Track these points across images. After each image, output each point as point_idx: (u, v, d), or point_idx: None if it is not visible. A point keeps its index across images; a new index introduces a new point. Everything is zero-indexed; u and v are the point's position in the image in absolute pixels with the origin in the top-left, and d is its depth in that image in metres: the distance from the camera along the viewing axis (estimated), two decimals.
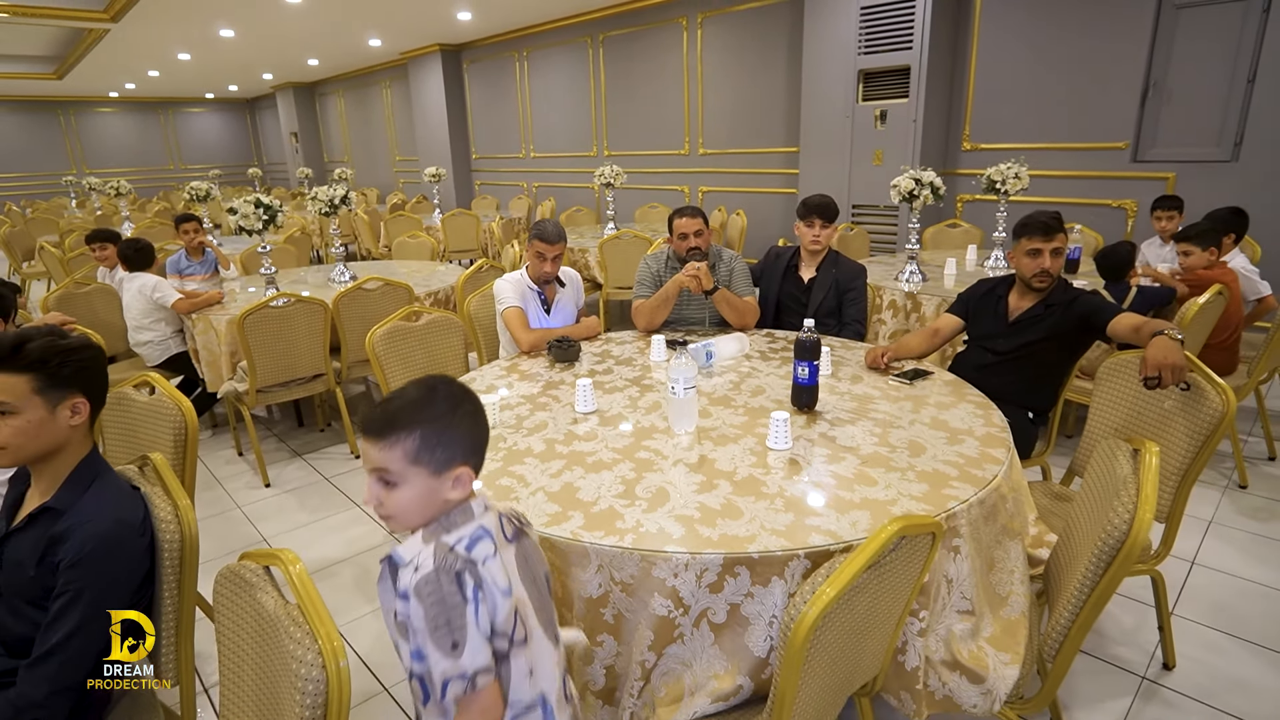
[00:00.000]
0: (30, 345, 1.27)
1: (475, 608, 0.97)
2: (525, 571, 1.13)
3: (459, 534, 1.04)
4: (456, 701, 0.96)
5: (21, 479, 1.43)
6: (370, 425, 1.02)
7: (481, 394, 2.06)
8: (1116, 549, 1.29)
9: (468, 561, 1.00)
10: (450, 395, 1.07)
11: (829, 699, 1.30)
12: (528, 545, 1.18)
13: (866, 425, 1.96)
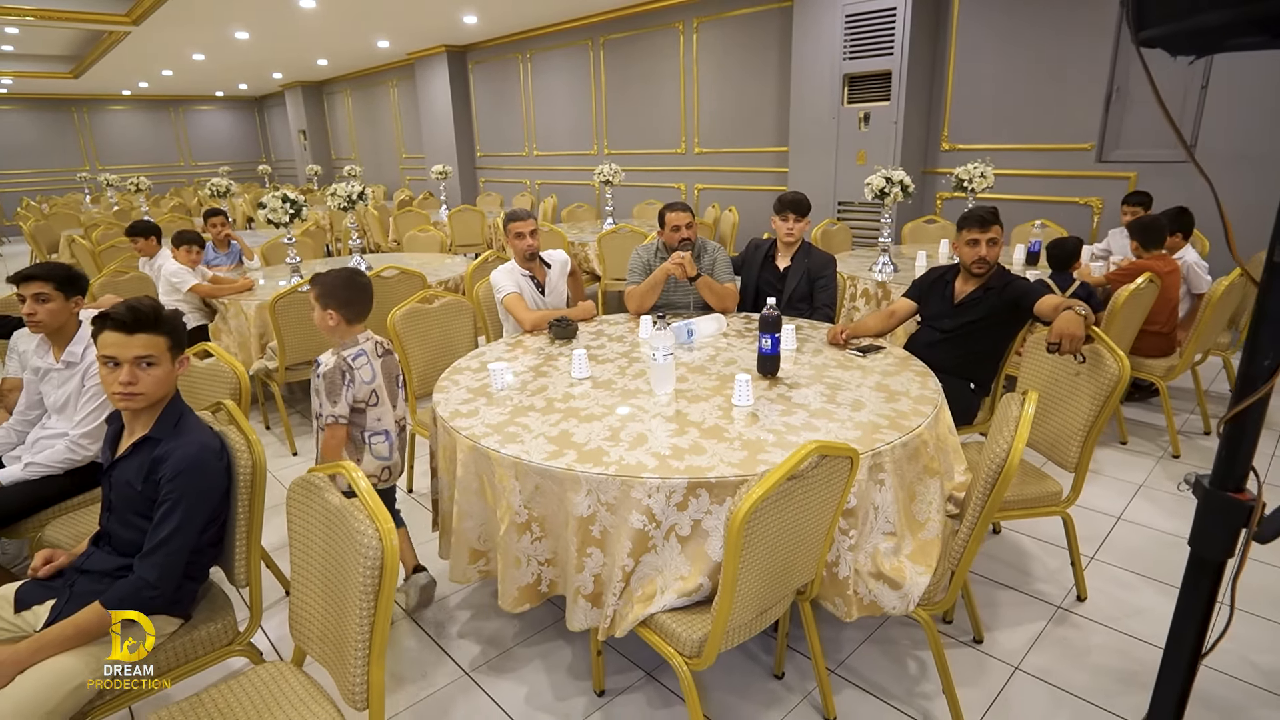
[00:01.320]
0: (162, 314, 1.62)
1: (346, 388, 2.15)
2: (386, 372, 2.31)
3: (348, 351, 2.20)
4: (324, 428, 2.15)
5: (115, 419, 1.78)
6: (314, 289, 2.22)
7: (490, 364, 2.42)
8: (999, 470, 1.63)
9: (348, 364, 2.16)
10: (343, 281, 2.21)
11: (769, 588, 1.63)
12: (390, 361, 2.37)
13: (819, 388, 2.30)
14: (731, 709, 1.99)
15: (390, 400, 2.34)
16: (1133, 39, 0.72)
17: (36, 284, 2.32)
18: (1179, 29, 0.65)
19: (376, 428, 2.30)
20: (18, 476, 2.28)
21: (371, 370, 2.24)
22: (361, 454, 2.29)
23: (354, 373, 2.18)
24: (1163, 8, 0.65)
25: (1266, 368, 0.83)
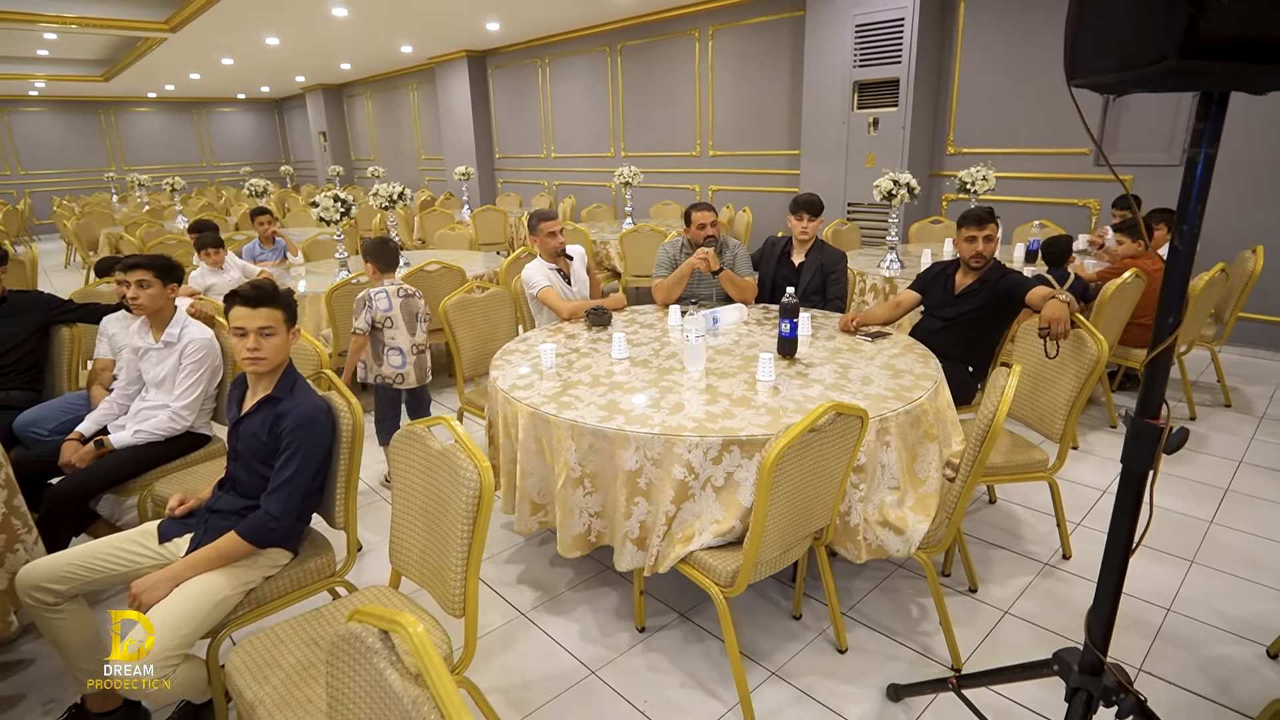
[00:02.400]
0: (279, 292, 1.93)
1: (365, 310, 3.21)
2: (405, 309, 3.28)
3: (373, 290, 3.24)
4: (354, 337, 3.24)
5: (240, 383, 2.09)
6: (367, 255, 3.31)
7: (540, 345, 2.73)
8: (988, 427, 1.93)
9: (369, 298, 3.22)
10: (378, 243, 3.30)
11: (792, 528, 1.93)
12: (411, 302, 3.31)
13: (832, 367, 2.59)
14: (757, 642, 2.29)
15: (407, 329, 3.31)
16: (1068, 84, 1.01)
17: (140, 271, 2.63)
18: (1093, 81, 0.94)
19: (392, 344, 3.29)
20: (128, 441, 2.60)
21: (388, 303, 3.25)
22: (381, 362, 3.30)
23: (372, 302, 3.24)
24: (1080, 69, 0.94)
25: (1170, 324, 1.13)
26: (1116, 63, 0.89)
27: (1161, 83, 0.88)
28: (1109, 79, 0.93)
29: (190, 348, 2.68)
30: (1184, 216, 1.08)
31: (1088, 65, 0.94)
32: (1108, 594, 1.31)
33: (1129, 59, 0.87)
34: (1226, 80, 0.92)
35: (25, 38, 9.93)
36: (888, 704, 2.04)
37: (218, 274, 4.62)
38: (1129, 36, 0.86)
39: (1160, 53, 0.80)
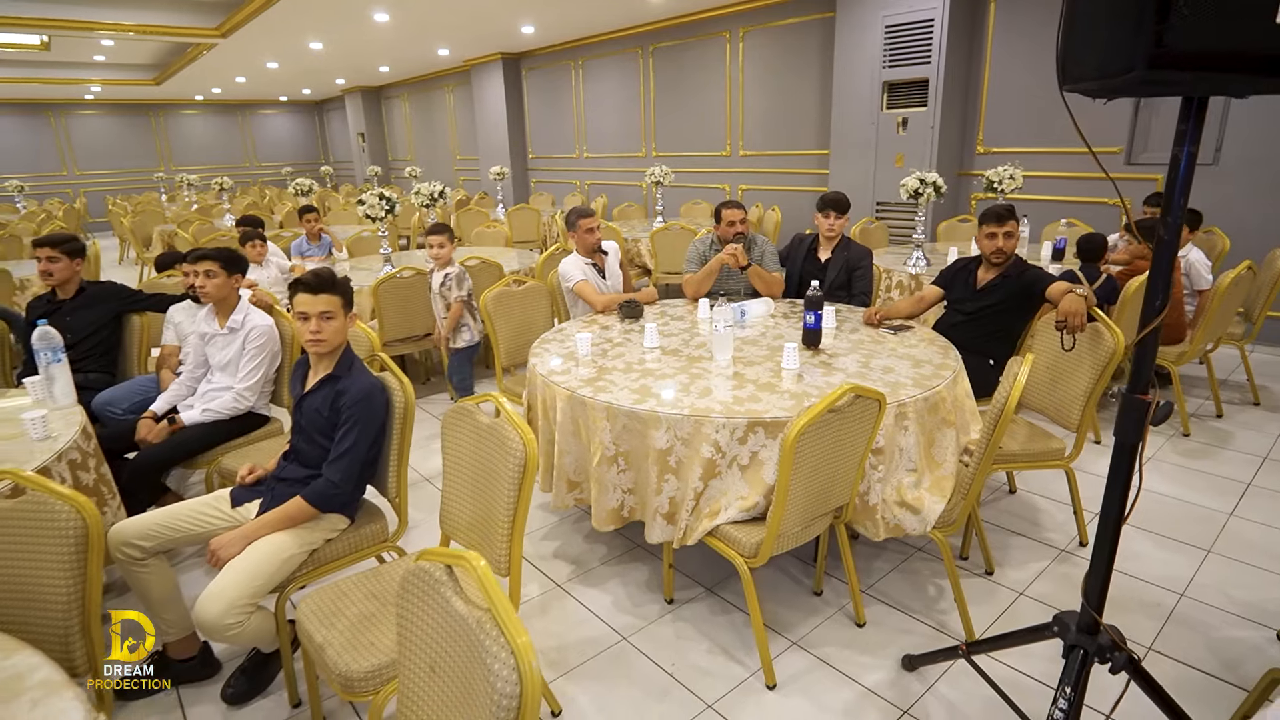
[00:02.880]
0: (337, 279, 2.12)
1: (467, 283, 4.15)
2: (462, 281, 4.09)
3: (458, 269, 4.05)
4: (452, 304, 4.13)
5: (302, 364, 2.28)
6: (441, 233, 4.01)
7: (576, 334, 2.89)
8: (1002, 407, 2.03)
9: (462, 274, 4.11)
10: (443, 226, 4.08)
11: (813, 503, 2.06)
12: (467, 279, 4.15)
13: (855, 357, 2.71)
14: (779, 616, 2.42)
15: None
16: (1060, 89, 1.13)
17: (207, 262, 2.84)
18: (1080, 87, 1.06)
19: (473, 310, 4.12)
20: (197, 419, 2.82)
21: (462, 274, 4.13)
22: (470, 326, 4.15)
23: (464, 278, 4.11)
24: (1069, 76, 1.06)
25: (1157, 307, 1.24)
26: (1097, 71, 1.01)
27: (1135, 90, 0.99)
28: (1092, 86, 1.04)
29: (253, 334, 2.89)
30: (1168, 208, 1.19)
31: (1075, 73, 1.06)
32: (1102, 559, 1.42)
33: (1106, 68, 0.98)
34: (1192, 87, 1.03)
35: (85, 44, 10.39)
36: (902, 673, 2.15)
37: (255, 269, 4.85)
38: (1105, 49, 0.98)
39: (1131, 64, 0.92)
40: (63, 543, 1.51)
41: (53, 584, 1.51)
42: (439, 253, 4.09)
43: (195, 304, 3.35)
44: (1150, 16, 0.89)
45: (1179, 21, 0.89)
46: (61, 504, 1.51)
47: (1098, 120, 5.56)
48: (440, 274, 4.13)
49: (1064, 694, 1.44)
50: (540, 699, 1.03)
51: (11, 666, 1.20)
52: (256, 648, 2.13)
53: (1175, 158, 1.16)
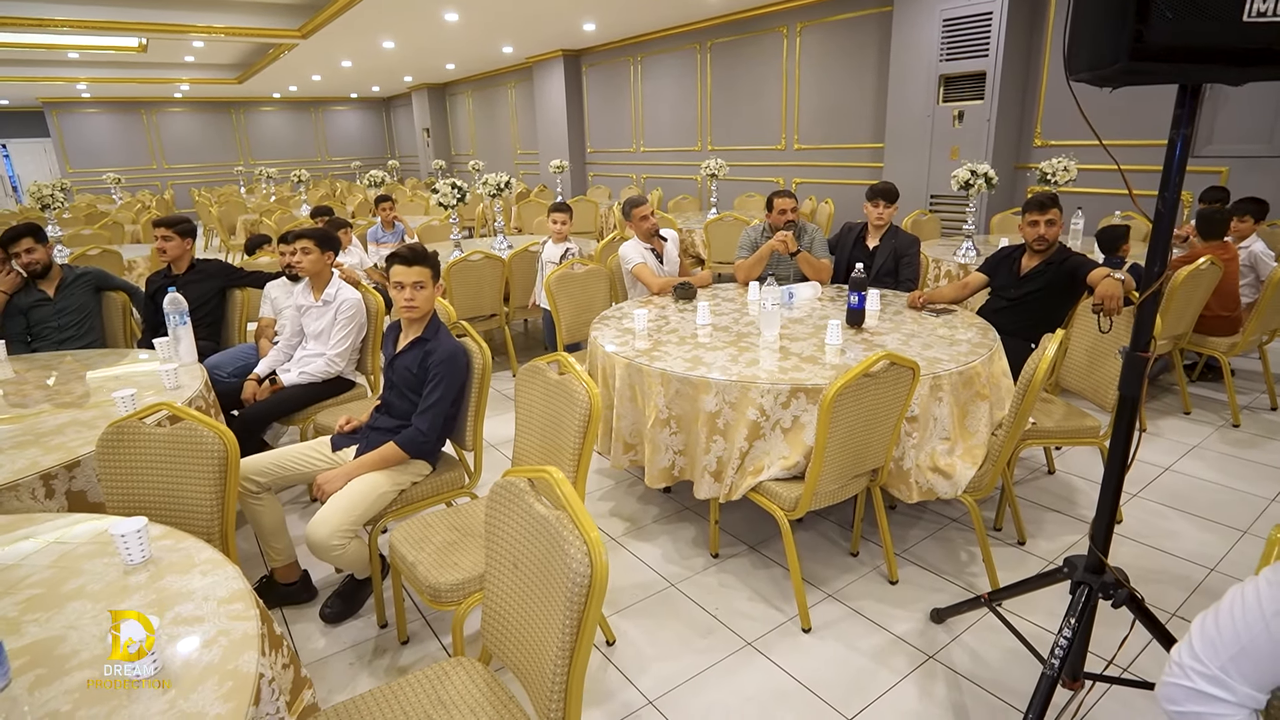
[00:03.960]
0: (427, 252, 2.39)
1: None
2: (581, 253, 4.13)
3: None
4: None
5: (394, 329, 2.57)
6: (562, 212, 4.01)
7: (634, 311, 3.11)
8: (1030, 379, 2.18)
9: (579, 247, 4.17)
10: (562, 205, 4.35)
11: (848, 463, 2.24)
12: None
13: (897, 336, 2.87)
14: (817, 573, 2.61)
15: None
16: (1067, 79, 1.29)
17: (304, 240, 3.17)
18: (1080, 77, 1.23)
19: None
20: (295, 381, 3.16)
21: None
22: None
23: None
24: (1073, 67, 1.23)
25: (1157, 272, 1.39)
26: (1091, 64, 1.17)
27: (1122, 79, 1.16)
28: (1089, 76, 1.21)
29: (344, 306, 3.22)
30: (1165, 186, 1.34)
31: (1075, 65, 1.23)
32: (1107, 504, 1.58)
33: (1097, 61, 1.15)
34: (1173, 77, 1.19)
35: (178, 46, 11.13)
36: (930, 625, 2.32)
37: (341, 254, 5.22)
38: (1097, 45, 1.14)
39: (1116, 57, 1.09)
40: (209, 462, 1.82)
41: (201, 494, 1.82)
42: (561, 229, 4.53)
43: (290, 281, 3.71)
44: (1132, 16, 1.06)
45: (1158, 20, 1.06)
46: (209, 431, 1.82)
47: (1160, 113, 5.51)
48: (561, 246, 4.51)
49: (1069, 624, 1.60)
50: (606, 583, 1.26)
51: (184, 549, 1.50)
52: (351, 575, 2.43)
53: (1171, 140, 1.32)
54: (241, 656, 1.18)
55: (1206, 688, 0.99)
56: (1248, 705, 0.99)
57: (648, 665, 2.18)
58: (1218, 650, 1.00)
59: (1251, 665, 0.97)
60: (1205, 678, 1.00)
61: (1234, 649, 0.98)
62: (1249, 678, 0.98)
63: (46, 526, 1.62)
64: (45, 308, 3.57)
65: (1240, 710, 0.99)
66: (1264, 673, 0.97)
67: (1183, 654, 1.04)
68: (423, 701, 1.48)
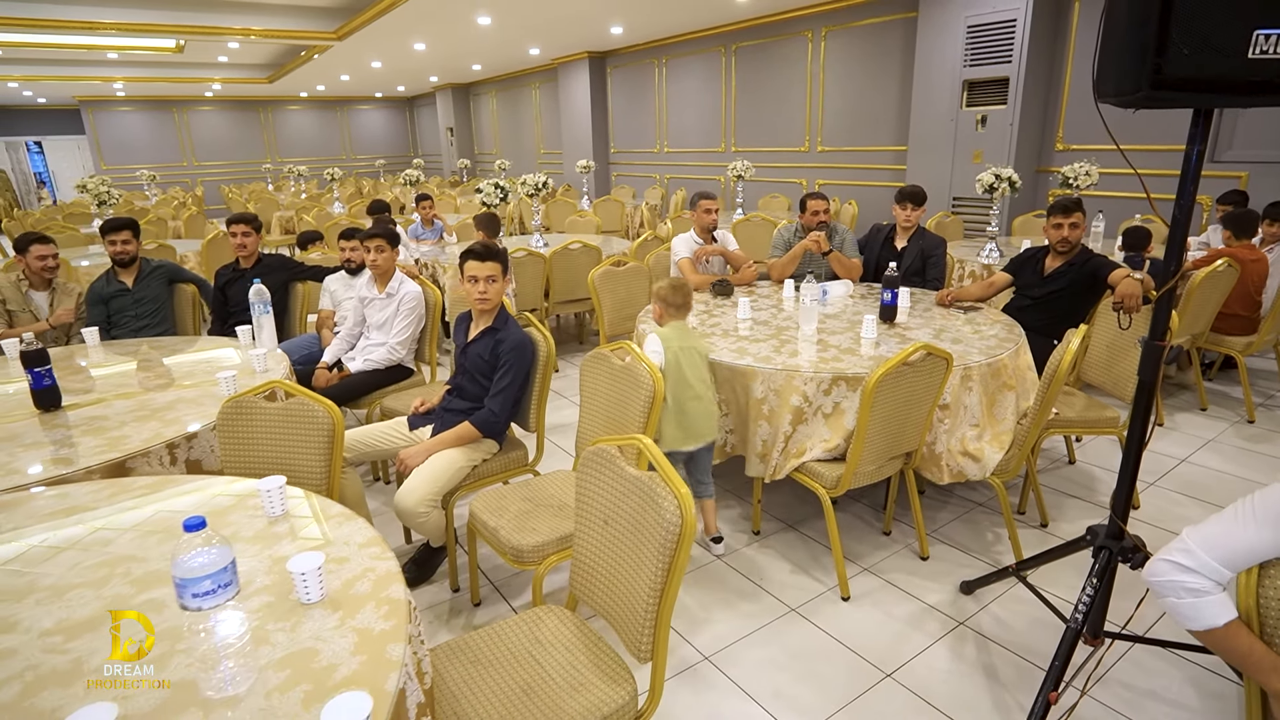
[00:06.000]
0: (498, 249, 2.62)
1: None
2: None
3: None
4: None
5: (464, 319, 2.79)
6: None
7: None
8: (1054, 370, 2.37)
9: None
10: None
11: (886, 445, 2.44)
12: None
13: (927, 331, 3.06)
14: (852, 549, 2.81)
15: None
16: (1095, 102, 1.49)
17: (378, 240, 3.40)
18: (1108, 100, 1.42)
19: None
20: (360, 368, 3.40)
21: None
22: None
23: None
24: (1100, 92, 1.42)
25: (1172, 270, 1.58)
26: (1116, 90, 1.37)
27: (1144, 104, 1.35)
28: (1115, 99, 1.40)
29: (407, 298, 3.45)
30: (1181, 194, 1.53)
31: (1103, 90, 1.42)
32: (1126, 476, 1.77)
33: (1121, 88, 1.35)
34: (1188, 103, 1.38)
35: (213, 47, 11.44)
36: (960, 595, 2.52)
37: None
38: (1122, 74, 1.34)
39: (1138, 85, 1.29)
40: (320, 433, 2.05)
41: (312, 461, 2.05)
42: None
43: (348, 275, 3.95)
44: (1152, 52, 1.25)
45: (1175, 55, 1.26)
46: (319, 406, 2.05)
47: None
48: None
49: (1091, 584, 1.80)
50: (694, 531, 1.47)
51: (314, 504, 1.73)
52: (426, 543, 2.66)
53: (1186, 155, 1.51)
54: (390, 588, 1.40)
55: (1182, 559, 1.23)
56: (1213, 577, 1.22)
57: (701, 627, 2.39)
58: (1203, 535, 1.23)
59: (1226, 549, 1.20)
60: (1184, 552, 1.23)
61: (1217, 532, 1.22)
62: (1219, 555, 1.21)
63: (189, 486, 1.86)
64: (124, 298, 3.83)
65: (1207, 581, 1.22)
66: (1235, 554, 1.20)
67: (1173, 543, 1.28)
68: (523, 640, 1.70)
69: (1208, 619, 1.25)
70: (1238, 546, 1.23)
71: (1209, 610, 1.25)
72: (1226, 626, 1.24)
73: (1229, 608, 1.25)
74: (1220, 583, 1.25)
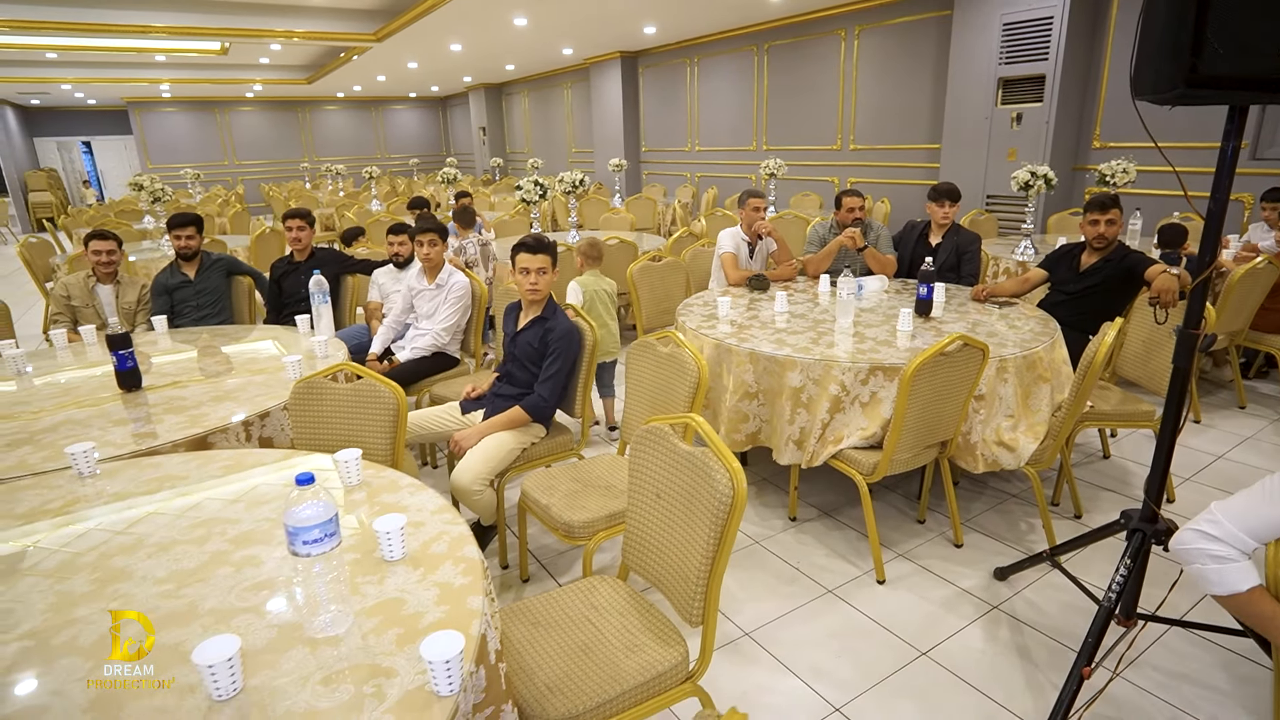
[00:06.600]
0: (548, 241, 2.74)
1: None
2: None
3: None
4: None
5: (513, 309, 2.92)
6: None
7: (718, 298, 3.42)
8: (1090, 361, 2.43)
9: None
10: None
11: (922, 432, 2.52)
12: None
13: (963, 324, 3.12)
14: (887, 536, 2.88)
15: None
16: (1133, 99, 1.55)
17: (431, 234, 3.55)
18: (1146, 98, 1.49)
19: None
20: (409, 358, 3.55)
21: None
22: None
23: None
24: (1137, 90, 1.49)
25: (1207, 261, 1.64)
26: (1153, 88, 1.44)
27: (1180, 101, 1.42)
28: (1151, 97, 1.47)
29: (455, 288, 3.60)
30: (1217, 189, 1.60)
31: (1140, 88, 1.49)
32: (1160, 461, 1.84)
33: (1158, 86, 1.42)
34: (1223, 100, 1.44)
35: (256, 49, 11.76)
36: (994, 581, 2.58)
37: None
38: (1157, 72, 1.41)
39: (1174, 84, 1.36)
40: (385, 413, 2.18)
41: (377, 438, 2.19)
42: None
43: (395, 268, 4.11)
44: (1188, 51, 1.32)
45: (1210, 55, 1.33)
46: (384, 387, 2.18)
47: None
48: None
49: (1125, 565, 1.86)
50: (745, 503, 1.56)
51: (386, 476, 1.86)
52: (476, 521, 2.79)
53: (1222, 150, 1.57)
54: (464, 548, 1.52)
55: (1208, 529, 1.31)
56: (1237, 545, 1.29)
57: (741, 606, 2.49)
58: (1230, 507, 1.31)
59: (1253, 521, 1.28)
60: (1210, 523, 1.31)
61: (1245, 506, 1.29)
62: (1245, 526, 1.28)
63: (269, 457, 2.00)
64: (187, 289, 4.03)
65: (1231, 549, 1.30)
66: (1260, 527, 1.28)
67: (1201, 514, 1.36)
68: (579, 605, 1.82)
69: (1231, 584, 1.32)
70: (1264, 520, 1.30)
71: (1233, 575, 1.32)
72: (1250, 591, 1.31)
73: (1252, 574, 1.32)
74: (1245, 551, 1.32)
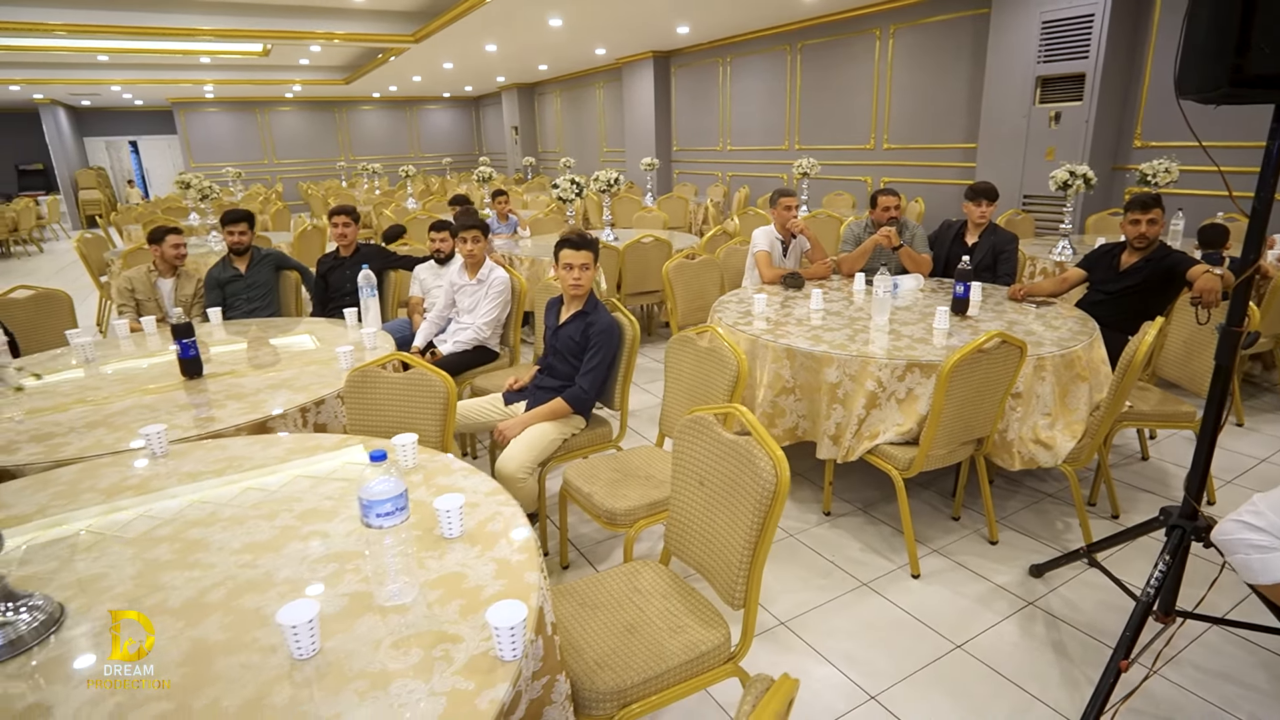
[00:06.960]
0: (591, 237, 2.81)
1: None
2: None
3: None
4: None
5: (555, 304, 3.00)
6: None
7: (754, 295, 3.46)
8: (1130, 360, 2.43)
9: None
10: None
11: (958, 429, 2.54)
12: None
13: (1000, 323, 3.13)
14: (921, 532, 2.91)
15: None
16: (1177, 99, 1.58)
17: (474, 231, 3.65)
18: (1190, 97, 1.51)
19: None
20: (451, 350, 3.65)
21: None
22: None
23: None
24: (1182, 90, 1.51)
25: (1251, 260, 1.66)
26: (1198, 88, 1.46)
27: (1225, 100, 1.44)
28: (1197, 96, 1.49)
29: (496, 283, 3.69)
30: (1261, 188, 1.61)
31: (1185, 87, 1.51)
32: (1201, 459, 1.85)
33: (1203, 86, 1.44)
34: (1268, 99, 1.46)
35: (296, 50, 12.04)
36: (1029, 578, 2.60)
37: None
38: (1202, 71, 1.43)
39: (1219, 83, 1.38)
40: (436, 401, 2.27)
41: (428, 425, 2.28)
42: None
43: (437, 264, 4.22)
44: (1232, 51, 1.35)
45: (1256, 54, 1.35)
46: (435, 377, 2.27)
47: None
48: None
49: (1164, 560, 1.88)
50: (788, 489, 1.62)
51: (440, 460, 1.94)
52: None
53: (1268, 150, 1.59)
54: (517, 528, 1.60)
55: (1250, 519, 1.33)
56: (1276, 533, 1.32)
57: (777, 596, 2.54)
58: (1273, 498, 1.33)
59: None
60: (1253, 513, 1.33)
61: None
62: None
63: (328, 441, 2.10)
64: (238, 282, 4.18)
65: (1273, 539, 1.33)
66: None
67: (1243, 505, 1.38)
68: (623, 588, 1.88)
69: (1274, 572, 1.34)
70: None
71: (1276, 564, 1.34)
72: None
73: None
74: None
